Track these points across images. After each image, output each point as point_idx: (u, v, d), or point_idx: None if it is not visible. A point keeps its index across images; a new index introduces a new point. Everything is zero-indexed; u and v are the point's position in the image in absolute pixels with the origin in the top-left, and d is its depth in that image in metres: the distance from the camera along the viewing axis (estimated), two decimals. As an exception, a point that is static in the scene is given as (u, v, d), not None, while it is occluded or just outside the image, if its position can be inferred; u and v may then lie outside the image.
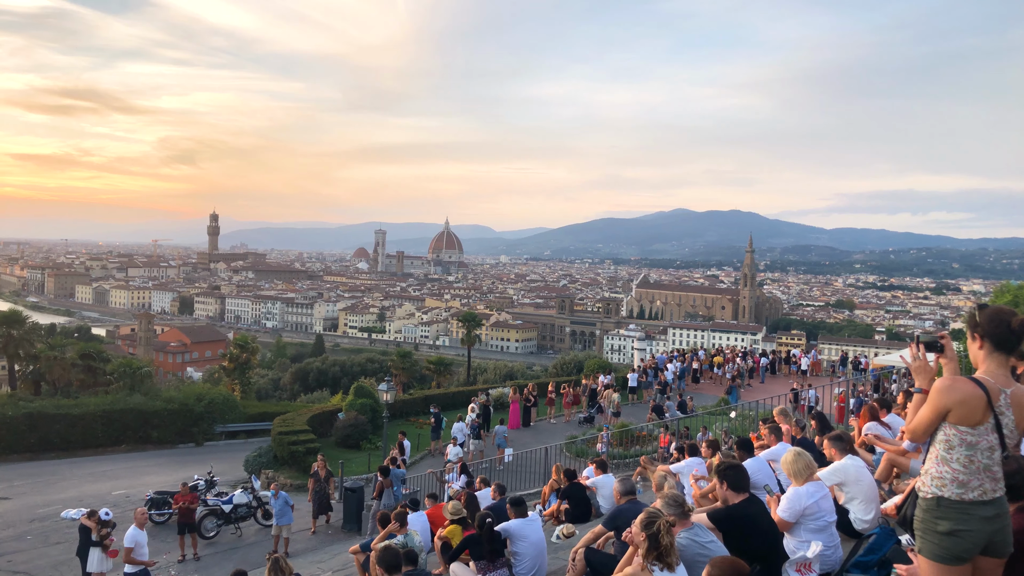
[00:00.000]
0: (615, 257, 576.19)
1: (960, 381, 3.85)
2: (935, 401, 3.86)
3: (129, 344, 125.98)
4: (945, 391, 3.83)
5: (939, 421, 3.91)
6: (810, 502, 6.16)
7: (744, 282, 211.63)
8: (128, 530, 12.66)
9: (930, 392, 3.90)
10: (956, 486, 3.86)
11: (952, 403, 3.82)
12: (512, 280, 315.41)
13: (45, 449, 31.15)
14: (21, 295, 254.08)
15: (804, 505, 6.16)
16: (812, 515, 6.18)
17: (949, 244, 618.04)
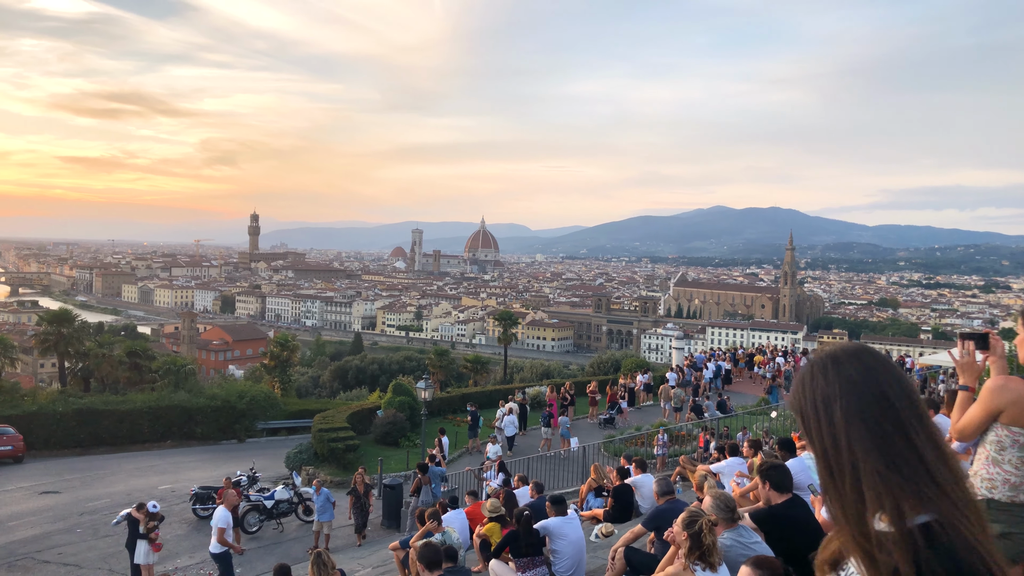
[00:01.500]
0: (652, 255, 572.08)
1: (1014, 381, 3.75)
2: (987, 401, 3.76)
3: (173, 342, 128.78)
4: (998, 391, 3.73)
5: (991, 421, 3.82)
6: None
7: (784, 280, 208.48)
8: (218, 511, 13.02)
9: (982, 391, 3.80)
10: (1008, 488, 3.77)
11: (1005, 403, 3.72)
12: (548, 279, 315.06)
13: (94, 444, 32.03)
14: (70, 294, 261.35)
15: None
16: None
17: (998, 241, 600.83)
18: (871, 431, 1.55)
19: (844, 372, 1.62)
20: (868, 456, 1.54)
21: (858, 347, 1.68)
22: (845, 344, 1.70)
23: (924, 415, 1.57)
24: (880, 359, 1.64)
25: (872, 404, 1.57)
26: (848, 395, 1.59)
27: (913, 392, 1.60)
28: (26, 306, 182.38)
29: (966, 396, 4.02)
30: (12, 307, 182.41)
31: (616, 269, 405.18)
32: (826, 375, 1.63)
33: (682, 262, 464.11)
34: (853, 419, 1.57)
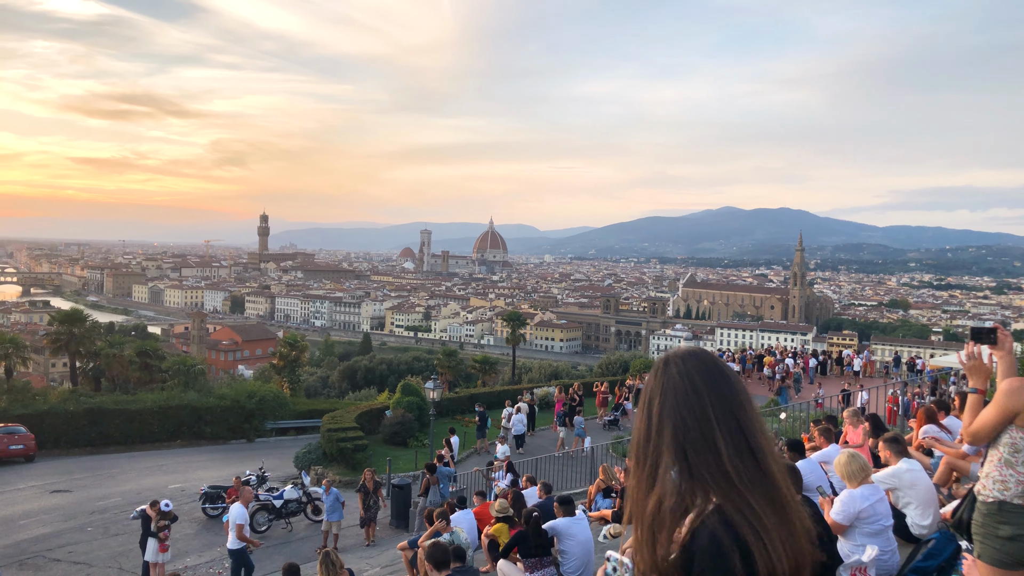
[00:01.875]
0: (661, 256, 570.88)
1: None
2: (1002, 403, 3.74)
3: (183, 342, 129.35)
4: (1013, 393, 3.71)
5: (1006, 424, 3.79)
6: (864, 505, 6.03)
7: (794, 281, 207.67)
8: (235, 507, 13.26)
9: (997, 394, 3.78)
10: (1022, 490, 3.75)
11: (1021, 406, 3.70)
12: (556, 279, 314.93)
13: (105, 443, 32.23)
14: (82, 294, 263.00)
15: (859, 508, 6.02)
16: (867, 519, 6.04)
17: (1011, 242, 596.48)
18: (677, 428, 1.74)
19: (669, 372, 1.81)
20: (668, 449, 1.74)
21: (689, 350, 1.86)
22: (682, 347, 1.91)
23: (738, 414, 1.73)
24: (704, 361, 1.81)
25: (684, 402, 1.75)
26: (666, 393, 1.78)
27: (729, 393, 1.76)
28: (38, 306, 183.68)
29: (977, 399, 3.99)
30: (24, 307, 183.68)
31: (625, 270, 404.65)
32: (656, 374, 1.84)
33: (691, 263, 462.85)
34: (665, 416, 1.76)
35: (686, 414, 1.75)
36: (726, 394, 1.77)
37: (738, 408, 1.76)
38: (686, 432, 1.73)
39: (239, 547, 13.09)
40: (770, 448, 1.75)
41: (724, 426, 1.72)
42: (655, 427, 1.78)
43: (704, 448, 1.71)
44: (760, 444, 1.74)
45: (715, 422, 1.73)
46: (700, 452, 1.71)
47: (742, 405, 1.77)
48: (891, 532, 6.23)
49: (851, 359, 36.24)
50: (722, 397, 1.76)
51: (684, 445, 1.73)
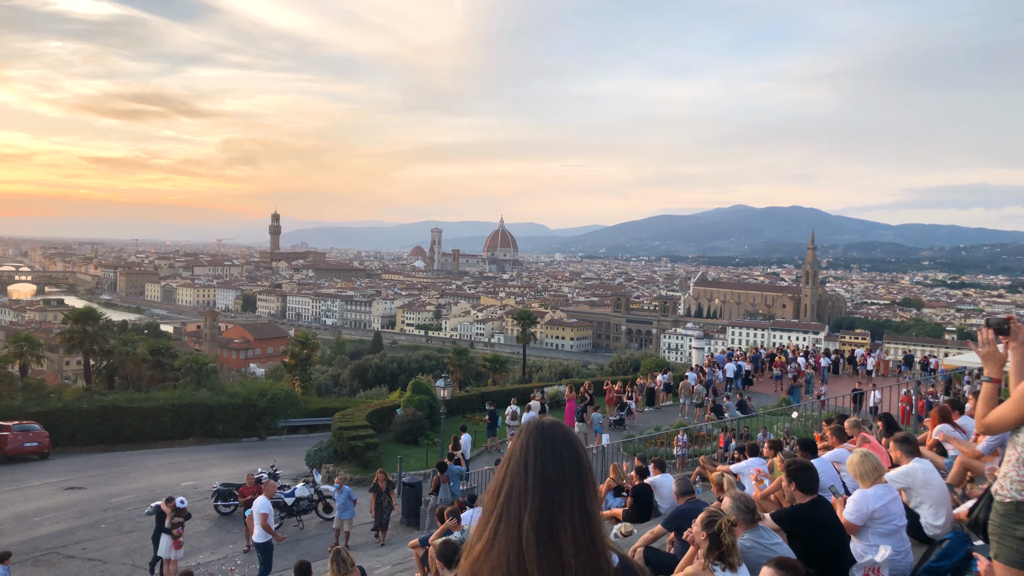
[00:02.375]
0: (672, 255, 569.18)
1: None
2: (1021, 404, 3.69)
3: (195, 341, 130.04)
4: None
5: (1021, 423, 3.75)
6: (878, 505, 5.99)
7: (805, 280, 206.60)
8: (259, 500, 13.54)
9: (1019, 389, 3.72)
10: None
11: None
12: (567, 278, 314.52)
13: (118, 441, 32.46)
14: (95, 293, 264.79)
15: (872, 508, 5.98)
16: (880, 519, 6.00)
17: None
18: (508, 491, 1.85)
19: (519, 439, 1.91)
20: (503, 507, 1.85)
21: (540, 423, 1.94)
22: (541, 419, 1.96)
23: (554, 491, 1.82)
24: (544, 435, 1.89)
25: (514, 471, 1.86)
26: (511, 457, 1.89)
27: (554, 471, 1.84)
28: (52, 304, 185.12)
29: (991, 388, 3.94)
30: (38, 305, 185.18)
31: (635, 268, 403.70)
32: (517, 437, 1.93)
33: (702, 261, 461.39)
34: (506, 477, 1.87)
35: (514, 481, 1.84)
36: (551, 472, 1.84)
37: (556, 485, 1.83)
38: (508, 498, 1.84)
39: (264, 540, 13.37)
40: (574, 529, 1.80)
41: (534, 501, 1.81)
42: (499, 484, 1.89)
43: (512, 517, 1.81)
44: (559, 522, 1.79)
45: (528, 494, 1.81)
46: (508, 520, 1.81)
47: (566, 481, 1.84)
48: (905, 532, 6.18)
49: (864, 358, 35.98)
50: (545, 473, 1.84)
51: (503, 508, 1.84)
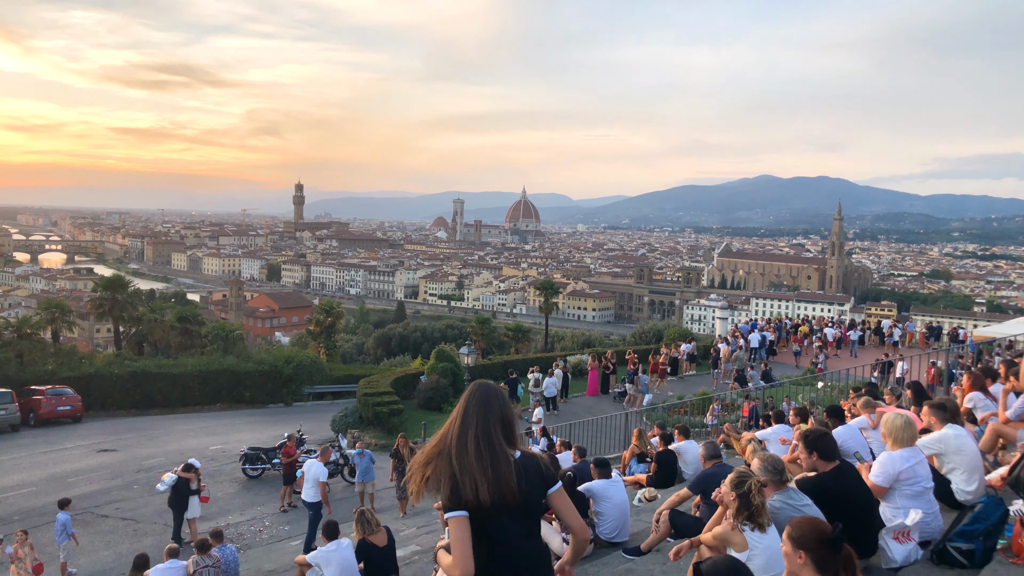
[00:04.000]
0: (696, 226, 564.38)
1: None
2: None
3: (221, 309, 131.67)
4: None
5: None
6: (905, 467, 5.92)
7: (831, 251, 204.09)
8: (315, 465, 14.29)
9: None
10: None
11: None
12: (589, 249, 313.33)
13: (148, 405, 33.12)
14: (123, 262, 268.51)
15: (898, 469, 5.92)
16: (907, 480, 5.94)
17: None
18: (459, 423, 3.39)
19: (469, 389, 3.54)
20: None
21: (480, 380, 3.61)
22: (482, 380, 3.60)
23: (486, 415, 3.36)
24: (482, 385, 3.55)
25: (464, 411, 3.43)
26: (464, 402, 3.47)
27: (487, 407, 3.39)
28: (82, 273, 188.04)
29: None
30: (69, 274, 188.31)
31: (659, 239, 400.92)
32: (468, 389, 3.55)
33: (726, 232, 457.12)
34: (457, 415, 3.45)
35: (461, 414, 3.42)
36: (481, 401, 3.40)
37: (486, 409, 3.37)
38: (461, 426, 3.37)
39: (316, 500, 13.91)
40: (492, 428, 3.31)
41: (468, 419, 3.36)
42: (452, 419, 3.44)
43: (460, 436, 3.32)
44: (488, 421, 3.32)
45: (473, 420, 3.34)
46: (460, 439, 3.31)
47: (491, 406, 3.38)
48: (932, 495, 6.12)
49: (891, 329, 35.55)
50: (478, 405, 3.39)
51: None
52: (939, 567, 5.67)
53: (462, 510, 3.16)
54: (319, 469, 14.25)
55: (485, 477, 3.15)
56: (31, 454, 23.83)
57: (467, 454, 3.21)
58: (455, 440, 3.27)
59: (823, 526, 3.71)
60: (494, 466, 3.17)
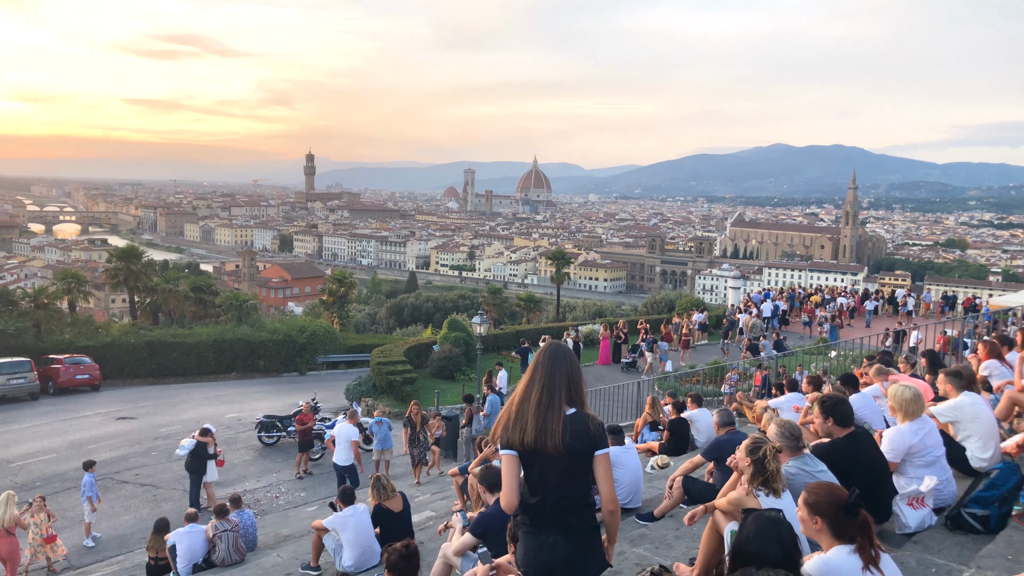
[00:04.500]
0: (709, 195, 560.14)
1: None
2: None
3: (234, 280, 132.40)
4: None
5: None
6: (915, 440, 5.93)
7: (845, 220, 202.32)
8: (346, 427, 14.79)
9: None
10: None
11: None
12: (601, 219, 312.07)
13: (164, 374, 33.51)
14: (137, 233, 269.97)
15: (909, 444, 5.93)
16: (918, 453, 5.96)
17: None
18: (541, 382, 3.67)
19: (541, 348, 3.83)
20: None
21: (551, 342, 3.94)
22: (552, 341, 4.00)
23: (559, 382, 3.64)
24: (553, 345, 3.82)
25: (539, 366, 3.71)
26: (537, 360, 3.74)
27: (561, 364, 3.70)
28: (96, 244, 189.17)
29: None
30: (83, 244, 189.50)
31: (671, 209, 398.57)
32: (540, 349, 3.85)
33: (739, 202, 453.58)
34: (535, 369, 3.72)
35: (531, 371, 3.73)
36: (551, 361, 3.69)
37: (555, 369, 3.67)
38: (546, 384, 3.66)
39: (349, 463, 14.31)
40: (557, 387, 3.62)
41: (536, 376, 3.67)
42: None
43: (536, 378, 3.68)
44: (555, 380, 3.63)
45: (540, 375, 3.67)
46: (526, 390, 3.67)
47: (560, 367, 3.68)
48: (945, 460, 6.13)
49: (904, 299, 35.34)
50: (548, 364, 3.69)
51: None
52: (953, 533, 5.70)
53: (512, 450, 3.57)
54: (350, 430, 14.54)
55: (534, 425, 3.52)
56: (51, 422, 24.22)
57: (527, 403, 3.59)
58: (521, 391, 3.66)
59: (840, 492, 3.72)
60: (545, 417, 3.53)
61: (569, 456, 3.55)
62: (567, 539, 3.60)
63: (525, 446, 3.53)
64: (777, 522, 3.36)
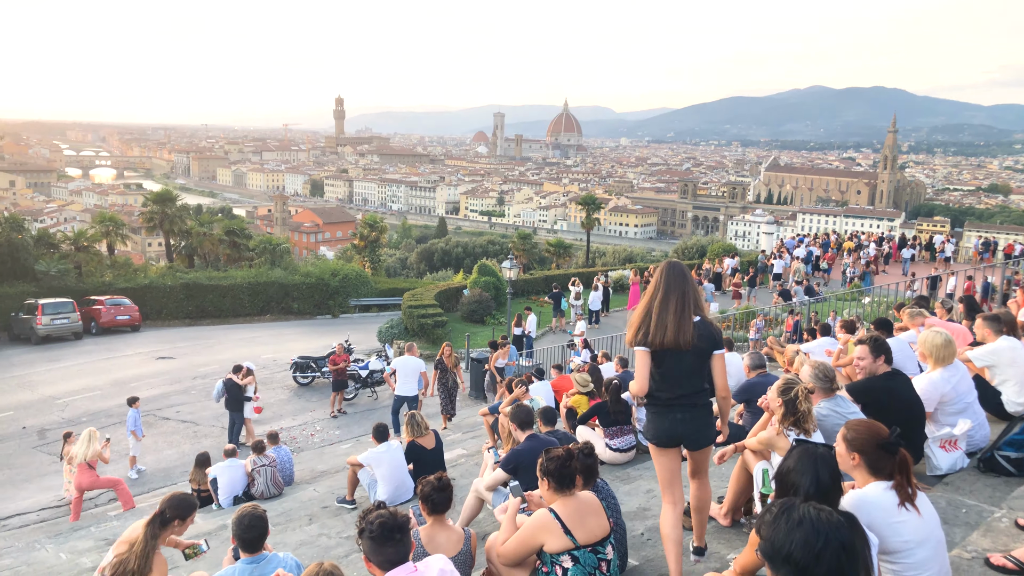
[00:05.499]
0: (743, 139, 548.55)
1: None
2: None
3: (267, 224, 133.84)
4: None
5: None
6: (947, 388, 5.89)
7: (883, 164, 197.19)
8: (411, 359, 14.71)
9: None
10: None
11: None
12: (632, 164, 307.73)
13: (200, 316, 34.26)
14: (170, 177, 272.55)
15: (941, 392, 5.90)
16: (950, 400, 5.92)
17: None
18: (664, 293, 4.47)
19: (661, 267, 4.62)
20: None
21: (668, 262, 4.64)
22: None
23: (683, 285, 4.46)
24: (672, 263, 4.61)
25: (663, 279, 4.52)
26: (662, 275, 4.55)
27: (682, 277, 4.51)
28: (131, 188, 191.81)
29: None
30: (119, 189, 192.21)
31: (704, 153, 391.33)
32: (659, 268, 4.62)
33: (775, 146, 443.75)
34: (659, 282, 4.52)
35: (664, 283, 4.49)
36: (679, 277, 4.49)
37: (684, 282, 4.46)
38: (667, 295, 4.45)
39: (414, 393, 14.45)
40: (688, 297, 4.43)
41: (671, 288, 4.45)
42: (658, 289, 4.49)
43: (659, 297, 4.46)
44: (686, 292, 4.43)
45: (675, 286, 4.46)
46: (664, 300, 4.43)
47: (687, 281, 4.47)
48: (977, 405, 6.10)
49: (943, 245, 34.61)
50: (677, 279, 4.48)
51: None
52: (985, 475, 5.70)
53: (646, 347, 4.40)
54: (417, 362, 14.65)
55: (673, 327, 4.33)
56: (94, 360, 25.00)
57: (668, 311, 4.37)
58: (659, 302, 4.42)
59: (879, 429, 3.72)
60: (682, 320, 4.34)
61: (696, 353, 4.42)
62: (691, 414, 4.51)
63: (665, 344, 4.35)
64: (824, 456, 3.39)
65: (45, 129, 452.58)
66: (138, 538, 4.72)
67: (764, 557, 2.45)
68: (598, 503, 4.52)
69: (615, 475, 7.88)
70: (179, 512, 4.84)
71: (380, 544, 3.31)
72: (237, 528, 4.48)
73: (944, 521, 3.86)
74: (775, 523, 2.41)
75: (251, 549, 4.47)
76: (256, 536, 4.48)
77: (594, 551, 4.31)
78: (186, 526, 4.98)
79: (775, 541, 2.38)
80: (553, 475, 4.45)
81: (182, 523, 4.89)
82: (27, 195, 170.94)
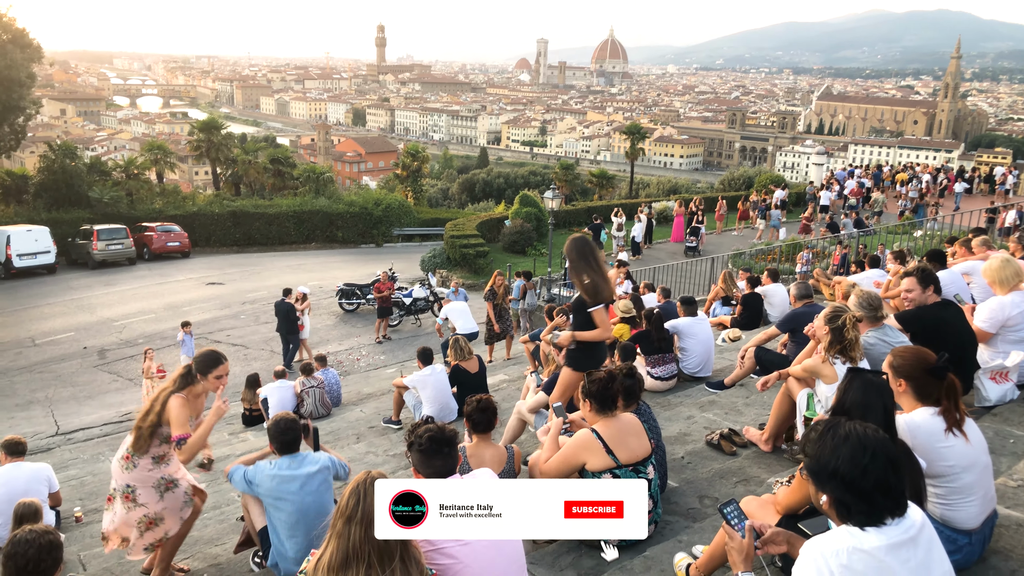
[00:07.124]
0: (795, 66, 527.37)
1: None
2: None
3: (310, 153, 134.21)
4: None
5: None
6: (1015, 312, 5.78)
7: (944, 93, 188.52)
8: (461, 304, 14.67)
9: None
10: None
11: None
12: (679, 92, 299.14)
13: (247, 243, 34.93)
14: (215, 106, 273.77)
15: (1008, 315, 5.78)
16: (1013, 326, 5.81)
17: None
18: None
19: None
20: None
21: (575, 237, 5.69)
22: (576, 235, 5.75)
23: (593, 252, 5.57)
24: (576, 237, 5.68)
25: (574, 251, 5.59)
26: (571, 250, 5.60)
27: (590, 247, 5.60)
28: (178, 117, 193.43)
29: None
30: (166, 118, 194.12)
31: (754, 81, 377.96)
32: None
33: (828, 73, 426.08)
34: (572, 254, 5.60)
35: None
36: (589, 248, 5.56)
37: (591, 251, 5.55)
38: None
39: (475, 330, 14.30)
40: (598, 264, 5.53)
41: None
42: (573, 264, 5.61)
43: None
44: (599, 260, 5.55)
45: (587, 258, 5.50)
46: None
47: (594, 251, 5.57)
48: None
49: (1004, 177, 33.28)
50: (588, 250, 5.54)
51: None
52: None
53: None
54: (463, 304, 14.56)
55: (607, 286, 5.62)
56: (147, 285, 25.79)
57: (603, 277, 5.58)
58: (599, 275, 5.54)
59: (927, 355, 3.68)
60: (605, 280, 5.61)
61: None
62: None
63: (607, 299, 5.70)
64: (879, 385, 3.37)
65: (92, 58, 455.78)
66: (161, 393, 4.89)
67: (810, 474, 2.48)
68: (639, 424, 4.59)
69: (656, 401, 7.97)
70: (200, 367, 4.89)
71: (429, 457, 3.41)
72: (274, 431, 4.64)
73: (991, 450, 3.84)
74: (821, 440, 2.43)
75: (288, 451, 4.65)
76: (292, 439, 4.65)
77: (635, 470, 4.40)
78: (212, 383, 4.87)
79: (821, 457, 2.40)
80: (595, 396, 4.52)
81: (203, 377, 4.87)
82: (77, 123, 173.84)
